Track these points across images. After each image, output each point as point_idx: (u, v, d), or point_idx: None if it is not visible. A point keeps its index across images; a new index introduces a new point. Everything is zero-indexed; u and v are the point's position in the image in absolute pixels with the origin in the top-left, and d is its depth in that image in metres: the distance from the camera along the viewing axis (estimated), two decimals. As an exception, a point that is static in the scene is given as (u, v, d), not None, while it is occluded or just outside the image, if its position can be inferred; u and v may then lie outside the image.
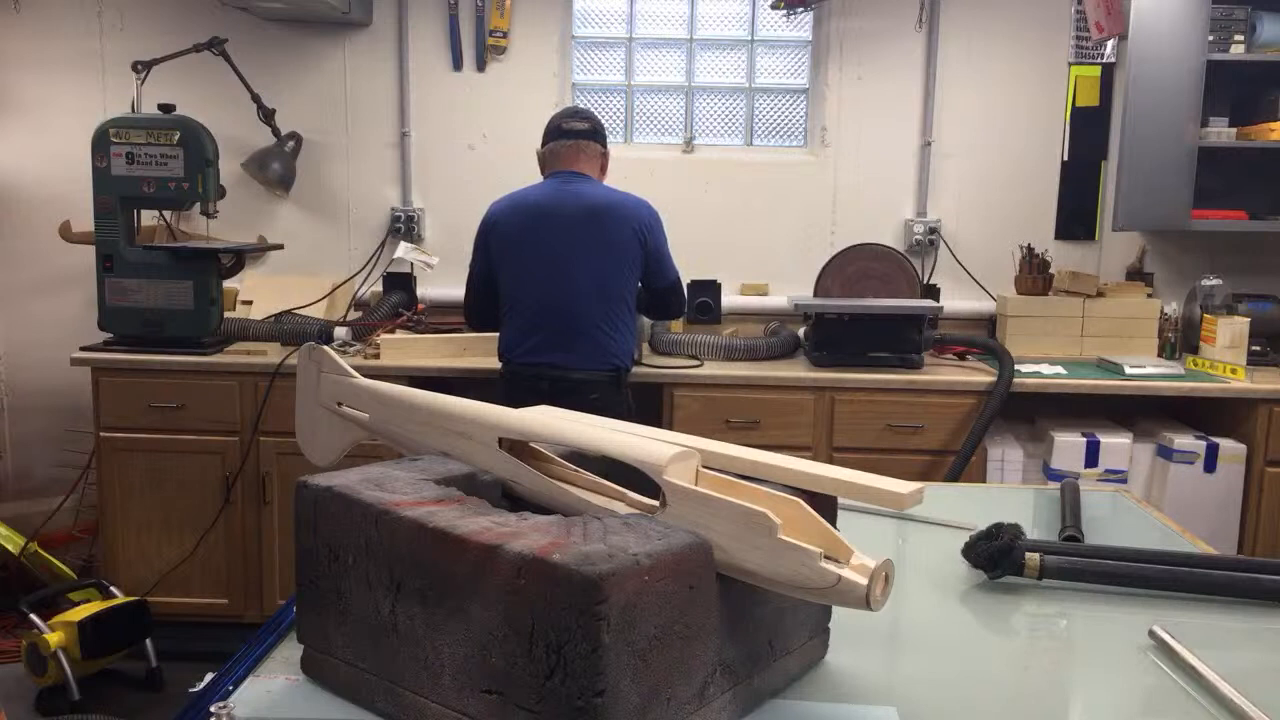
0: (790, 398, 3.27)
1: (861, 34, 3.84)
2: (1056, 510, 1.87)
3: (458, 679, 1.00)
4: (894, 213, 3.90)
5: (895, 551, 1.70)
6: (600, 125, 3.01)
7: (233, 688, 1.15)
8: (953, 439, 3.25)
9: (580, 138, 2.95)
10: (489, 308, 2.98)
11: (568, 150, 2.95)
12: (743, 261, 3.91)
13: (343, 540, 1.09)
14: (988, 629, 1.44)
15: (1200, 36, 3.39)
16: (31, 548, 3.51)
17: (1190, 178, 3.45)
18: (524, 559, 0.92)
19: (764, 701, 1.12)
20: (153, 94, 3.50)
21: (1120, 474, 3.23)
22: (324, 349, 1.38)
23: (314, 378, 1.39)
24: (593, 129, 2.98)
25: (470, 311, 3.08)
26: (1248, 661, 1.31)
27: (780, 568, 0.96)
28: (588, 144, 2.96)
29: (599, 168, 3.01)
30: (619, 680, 0.90)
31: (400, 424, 1.28)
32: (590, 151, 2.97)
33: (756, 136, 4.01)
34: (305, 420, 1.41)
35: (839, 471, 1.12)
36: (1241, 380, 3.27)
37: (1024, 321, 3.65)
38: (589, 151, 2.96)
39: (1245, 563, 1.61)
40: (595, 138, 2.98)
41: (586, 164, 2.96)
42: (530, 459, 1.18)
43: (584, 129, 2.96)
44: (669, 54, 3.99)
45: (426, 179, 3.94)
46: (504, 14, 3.82)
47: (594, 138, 2.98)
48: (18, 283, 3.96)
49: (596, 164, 2.99)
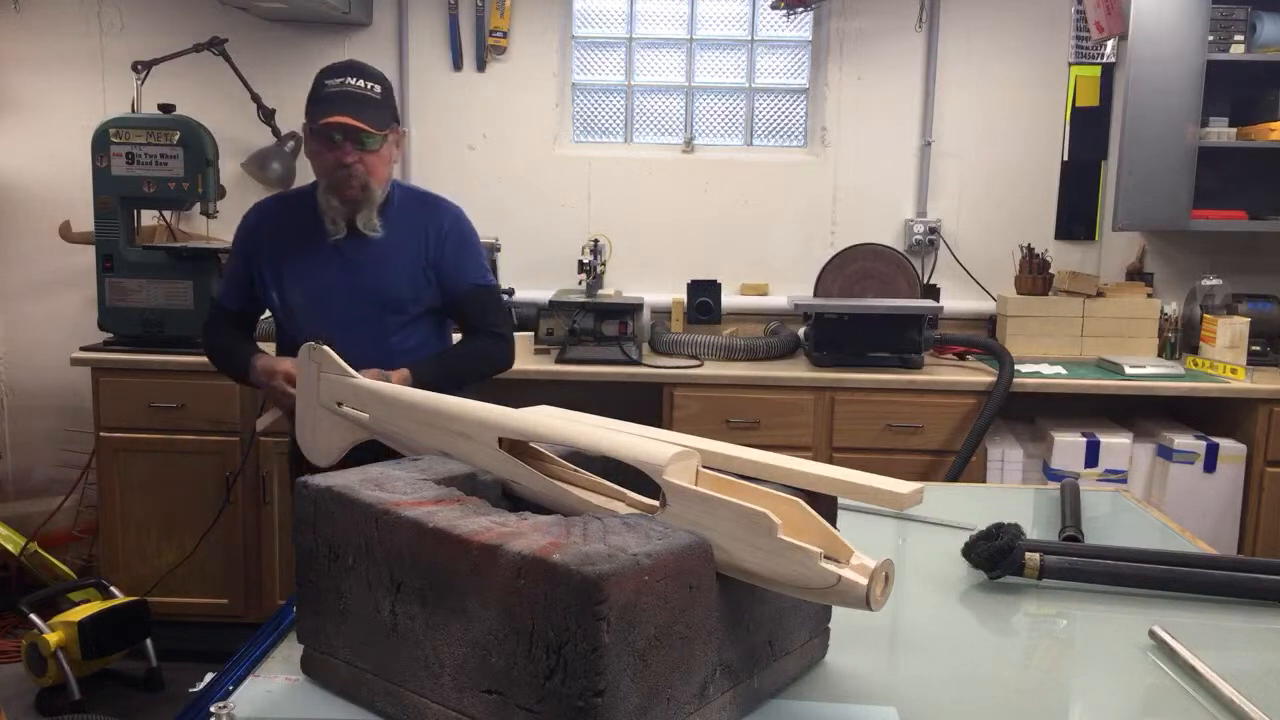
0: (790, 398, 3.26)
1: (861, 34, 3.84)
2: (1056, 510, 1.87)
3: (458, 679, 1.00)
4: (894, 213, 3.90)
5: (895, 551, 1.70)
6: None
7: (233, 688, 1.16)
8: (953, 439, 3.25)
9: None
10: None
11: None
12: (743, 261, 3.91)
13: (343, 540, 1.09)
14: (988, 629, 1.44)
15: (1200, 36, 3.39)
16: (31, 548, 3.51)
17: (1190, 178, 3.45)
18: (524, 559, 0.92)
19: (764, 701, 1.12)
20: (153, 94, 3.50)
21: (1120, 474, 3.23)
22: (324, 349, 1.38)
23: (314, 378, 1.39)
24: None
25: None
26: (1248, 661, 1.31)
27: (780, 568, 0.96)
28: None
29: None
30: (619, 680, 0.90)
31: (400, 424, 1.28)
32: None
33: (756, 136, 4.01)
34: (305, 420, 1.41)
35: (839, 471, 1.13)
36: (1241, 380, 3.26)
37: (1024, 321, 3.65)
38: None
39: (1245, 563, 1.61)
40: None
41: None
42: (530, 459, 1.18)
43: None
44: (669, 54, 3.99)
45: (426, 179, 3.93)
46: (504, 14, 3.82)
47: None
48: (18, 283, 3.96)
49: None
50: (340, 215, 2.23)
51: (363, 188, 2.19)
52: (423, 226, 2.31)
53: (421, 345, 2.33)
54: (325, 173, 2.21)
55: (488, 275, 2.43)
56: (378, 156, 2.21)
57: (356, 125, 2.15)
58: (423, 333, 2.35)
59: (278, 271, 2.31)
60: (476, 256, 2.40)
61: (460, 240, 2.35)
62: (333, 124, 2.16)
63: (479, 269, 2.39)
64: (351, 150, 2.17)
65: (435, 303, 2.33)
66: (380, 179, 2.23)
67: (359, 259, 2.26)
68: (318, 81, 2.26)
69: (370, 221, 2.24)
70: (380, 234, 2.25)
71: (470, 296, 2.36)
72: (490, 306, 2.41)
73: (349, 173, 2.17)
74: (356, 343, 2.05)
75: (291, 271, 2.29)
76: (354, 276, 2.26)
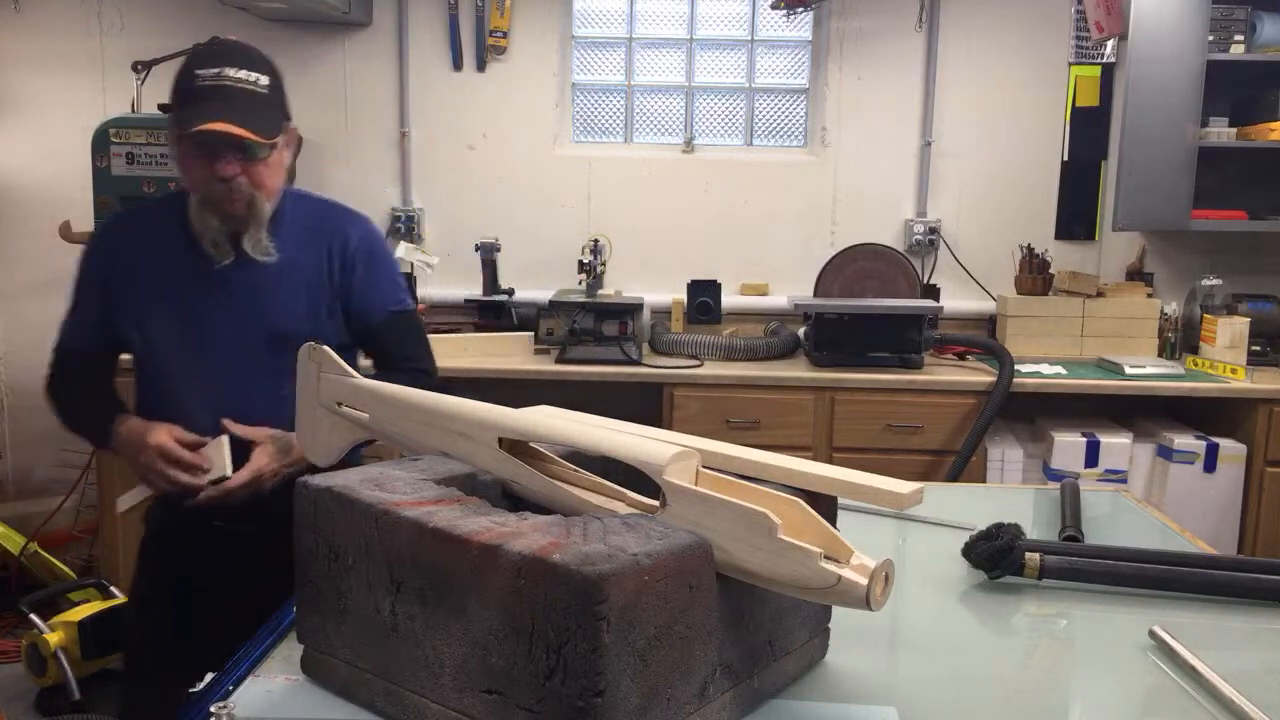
0: (790, 398, 3.26)
1: (861, 34, 3.84)
2: (1056, 510, 1.87)
3: (458, 679, 1.00)
4: (894, 213, 3.90)
5: (895, 551, 1.70)
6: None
7: (233, 688, 1.16)
8: (953, 439, 3.25)
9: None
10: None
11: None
12: (743, 261, 3.91)
13: (343, 540, 1.09)
14: (988, 629, 1.44)
15: (1200, 36, 3.39)
16: (31, 548, 3.51)
17: (1190, 178, 3.45)
18: (524, 559, 0.92)
19: (764, 701, 1.12)
20: (153, 94, 3.50)
21: (1120, 474, 3.23)
22: (324, 349, 1.38)
23: (314, 378, 1.39)
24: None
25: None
26: (1248, 661, 1.31)
27: (780, 568, 0.96)
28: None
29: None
30: (619, 680, 0.90)
31: (400, 424, 1.28)
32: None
33: (756, 136, 4.01)
34: (305, 420, 1.41)
35: (839, 471, 1.12)
36: (1241, 380, 3.26)
37: (1024, 321, 3.65)
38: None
39: (1245, 563, 1.61)
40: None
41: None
42: (530, 459, 1.18)
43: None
44: (669, 54, 3.99)
45: (426, 179, 3.94)
46: (504, 14, 3.82)
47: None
48: (18, 283, 3.96)
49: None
50: (221, 236, 1.78)
51: (248, 204, 1.75)
52: (323, 244, 1.87)
53: None
54: (199, 187, 1.76)
55: (405, 299, 2.00)
56: (266, 166, 1.77)
57: (240, 135, 1.69)
58: None
59: (139, 306, 1.82)
60: (391, 277, 1.98)
61: (371, 259, 1.92)
62: (210, 133, 1.68)
63: (395, 292, 1.97)
64: (233, 161, 1.72)
65: (343, 337, 1.90)
66: (270, 191, 1.79)
67: (245, 288, 1.81)
68: (185, 70, 1.77)
69: (260, 244, 1.79)
70: (274, 258, 1.80)
71: (387, 327, 1.94)
72: (410, 337, 2.00)
73: (230, 188, 1.73)
74: (245, 390, 1.77)
75: (157, 306, 1.81)
76: (238, 310, 1.81)
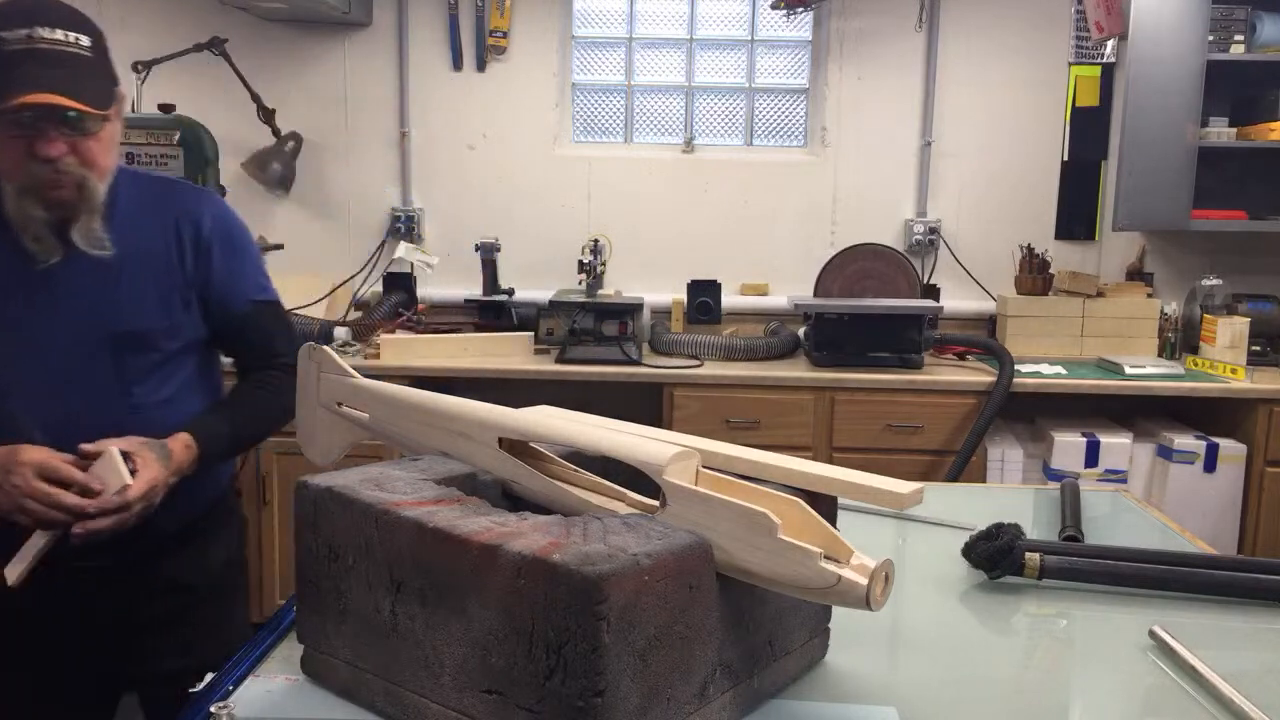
0: (790, 398, 3.26)
1: (861, 34, 3.84)
2: (1056, 510, 1.87)
3: (458, 679, 1.00)
4: (894, 213, 3.90)
5: (895, 551, 1.70)
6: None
7: (233, 688, 1.15)
8: (953, 439, 3.25)
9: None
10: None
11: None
12: (743, 261, 3.91)
13: (343, 540, 1.09)
14: (988, 629, 1.44)
15: (1200, 36, 3.39)
16: (31, 548, 3.51)
17: (1190, 178, 3.45)
18: (524, 559, 0.92)
19: (764, 701, 1.12)
20: (153, 94, 3.50)
21: (1120, 474, 3.23)
22: (324, 349, 1.38)
23: (314, 378, 1.38)
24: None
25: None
26: (1248, 661, 1.31)
27: (780, 568, 0.96)
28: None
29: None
30: (619, 680, 0.90)
31: (400, 424, 1.28)
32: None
33: (756, 136, 4.01)
34: (305, 420, 1.41)
35: (839, 471, 1.12)
36: (1241, 380, 3.26)
37: (1024, 321, 3.65)
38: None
39: (1245, 563, 1.61)
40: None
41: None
42: (530, 459, 1.18)
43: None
44: (669, 54, 3.99)
45: (426, 179, 3.94)
46: (504, 14, 3.82)
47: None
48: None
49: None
50: (45, 229, 1.52)
51: (79, 188, 1.50)
52: (169, 226, 1.64)
53: (181, 394, 1.66)
54: (16, 171, 1.49)
55: (268, 287, 1.77)
56: (98, 141, 1.51)
57: (69, 105, 1.44)
58: (181, 376, 1.67)
59: None
60: (252, 262, 1.75)
61: (228, 242, 1.69)
62: (30, 106, 1.42)
63: (258, 279, 1.75)
64: (57, 138, 1.46)
65: (200, 333, 1.68)
66: (103, 171, 1.54)
67: (79, 287, 1.56)
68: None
69: (92, 234, 1.55)
70: (110, 251, 1.56)
71: (250, 319, 1.72)
72: (276, 329, 1.77)
73: (55, 169, 1.47)
74: (88, 400, 1.56)
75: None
76: (72, 312, 1.56)
